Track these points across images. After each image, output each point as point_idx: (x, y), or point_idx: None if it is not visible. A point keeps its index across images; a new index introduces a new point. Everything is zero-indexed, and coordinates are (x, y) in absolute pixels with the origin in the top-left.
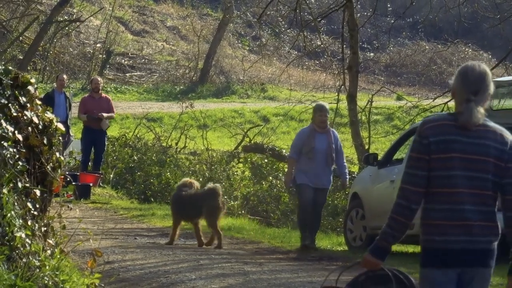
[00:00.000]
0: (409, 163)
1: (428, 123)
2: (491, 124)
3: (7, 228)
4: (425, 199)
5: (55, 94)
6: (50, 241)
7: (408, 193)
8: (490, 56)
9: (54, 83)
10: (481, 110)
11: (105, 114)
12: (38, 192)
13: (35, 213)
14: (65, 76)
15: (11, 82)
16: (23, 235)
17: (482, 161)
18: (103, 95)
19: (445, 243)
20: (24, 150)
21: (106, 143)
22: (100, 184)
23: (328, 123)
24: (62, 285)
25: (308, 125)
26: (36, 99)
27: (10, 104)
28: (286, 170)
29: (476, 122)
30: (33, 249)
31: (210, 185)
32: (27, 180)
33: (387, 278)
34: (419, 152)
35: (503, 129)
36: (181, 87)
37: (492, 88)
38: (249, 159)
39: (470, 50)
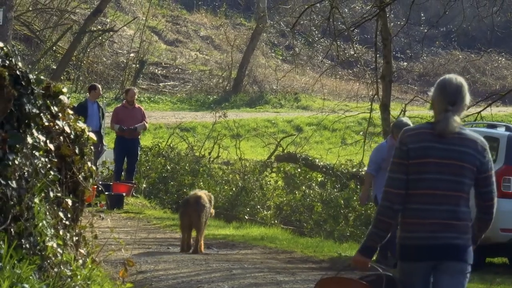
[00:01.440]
0: (391, 168)
1: (408, 131)
2: (467, 132)
3: (38, 238)
4: (405, 199)
5: (88, 104)
6: (82, 251)
7: (390, 196)
8: None
9: (87, 93)
10: (457, 119)
11: (137, 125)
12: (69, 202)
13: (67, 222)
14: (99, 86)
15: (43, 91)
16: (55, 245)
17: (456, 166)
18: (136, 105)
19: (416, 239)
20: (55, 160)
21: (139, 153)
22: (133, 194)
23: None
24: None
25: (386, 139)
26: (68, 109)
27: (41, 114)
28: (319, 179)
29: (452, 130)
30: (64, 258)
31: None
32: (59, 189)
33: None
34: (400, 157)
35: (479, 137)
36: (215, 97)
37: (468, 99)
38: (282, 169)
39: (503, 59)
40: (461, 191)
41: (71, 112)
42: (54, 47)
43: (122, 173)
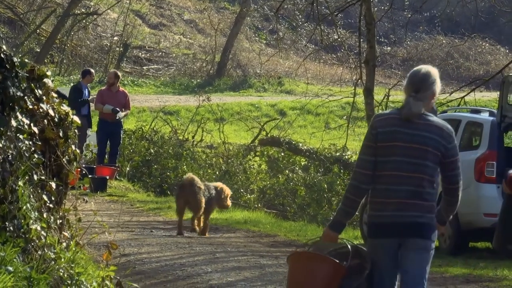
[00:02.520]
0: (361, 150)
1: (378, 117)
2: (433, 119)
3: (22, 221)
4: (373, 180)
5: (82, 87)
6: (66, 234)
7: (359, 175)
8: (507, 51)
9: (72, 76)
10: (419, 104)
11: (121, 113)
12: (53, 185)
13: (51, 205)
14: (93, 71)
15: (27, 74)
16: (39, 228)
17: (420, 150)
18: (121, 89)
19: (382, 217)
20: (39, 143)
21: (122, 136)
22: (117, 177)
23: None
24: (77, 278)
25: None
26: (52, 92)
27: (26, 97)
28: (302, 163)
29: (414, 113)
30: (48, 241)
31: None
32: (43, 172)
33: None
34: (369, 140)
35: (445, 124)
36: (198, 81)
37: (435, 88)
38: (265, 153)
39: (487, 44)
40: (424, 173)
41: (55, 95)
42: (37, 30)
43: (106, 156)
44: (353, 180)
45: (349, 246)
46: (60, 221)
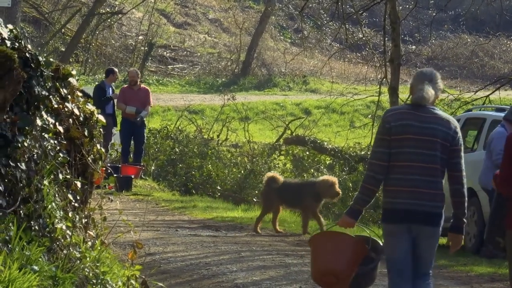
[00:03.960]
0: (375, 143)
1: (390, 111)
2: (440, 112)
3: (47, 220)
4: (387, 170)
5: (106, 86)
6: (91, 233)
7: (374, 166)
8: None
9: (97, 75)
10: (432, 91)
11: (144, 113)
12: (79, 184)
13: (76, 204)
14: (117, 71)
15: (52, 74)
16: (64, 227)
17: (430, 141)
18: (142, 86)
19: (396, 204)
20: (65, 142)
21: (145, 135)
22: (142, 176)
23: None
24: (102, 277)
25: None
26: (77, 91)
27: (51, 96)
28: (327, 162)
29: (427, 98)
30: (73, 240)
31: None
32: (68, 171)
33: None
34: (383, 134)
35: (450, 117)
36: (223, 80)
37: (441, 85)
38: (290, 152)
39: (511, 43)
40: (435, 163)
41: (80, 94)
42: (62, 30)
43: (130, 155)
44: (370, 171)
45: (368, 233)
46: (85, 220)
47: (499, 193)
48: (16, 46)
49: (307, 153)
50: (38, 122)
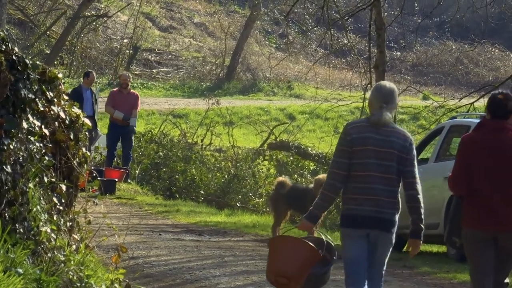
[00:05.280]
0: (336, 153)
1: (351, 124)
2: (396, 126)
3: (32, 223)
4: (347, 179)
5: (82, 90)
6: (75, 236)
7: (335, 175)
8: None
9: (81, 79)
10: (389, 114)
11: (133, 120)
12: (64, 187)
13: (61, 208)
14: (94, 73)
15: (39, 76)
16: (49, 230)
17: (389, 153)
18: (132, 91)
19: (357, 210)
20: (50, 145)
21: (133, 140)
22: (128, 180)
23: None
24: (86, 280)
25: None
26: (64, 94)
27: (37, 99)
28: (311, 167)
29: (384, 121)
30: (58, 243)
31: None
32: (53, 175)
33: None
34: (343, 145)
35: (405, 130)
36: (208, 84)
37: (397, 101)
38: (274, 157)
39: (496, 50)
40: (392, 173)
41: (66, 97)
42: (48, 32)
43: (115, 159)
44: (330, 179)
45: (324, 239)
46: (70, 223)
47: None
48: (3, 49)
49: (291, 158)
50: (24, 124)
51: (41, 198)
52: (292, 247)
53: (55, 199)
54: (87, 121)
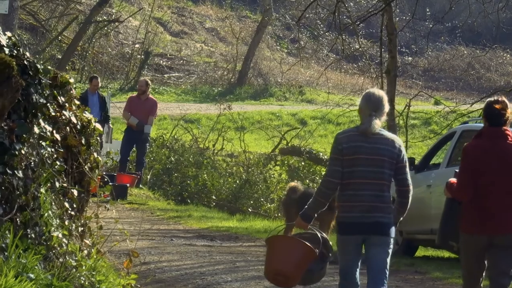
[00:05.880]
0: (330, 162)
1: (342, 134)
2: (386, 133)
3: (44, 228)
4: (340, 187)
5: (88, 95)
6: (87, 241)
7: (328, 183)
8: None
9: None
10: (378, 122)
11: (148, 127)
12: (75, 192)
13: (72, 213)
14: (98, 80)
15: (50, 81)
16: (60, 235)
17: (379, 160)
18: (150, 97)
19: (351, 218)
20: (62, 150)
21: (147, 146)
22: (140, 185)
23: None
24: (98, 285)
25: None
26: (75, 99)
27: (48, 104)
28: (323, 173)
29: (373, 130)
30: (69, 249)
31: None
32: (65, 180)
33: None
34: (336, 154)
35: (394, 136)
36: (219, 89)
37: (387, 107)
38: (286, 162)
39: (508, 55)
40: (384, 180)
41: (78, 102)
42: (59, 37)
43: (127, 164)
44: (323, 187)
45: (319, 235)
46: (82, 228)
47: (450, 199)
48: (14, 54)
49: (303, 163)
50: (36, 130)
51: (53, 203)
52: (288, 246)
53: (66, 204)
54: (98, 126)
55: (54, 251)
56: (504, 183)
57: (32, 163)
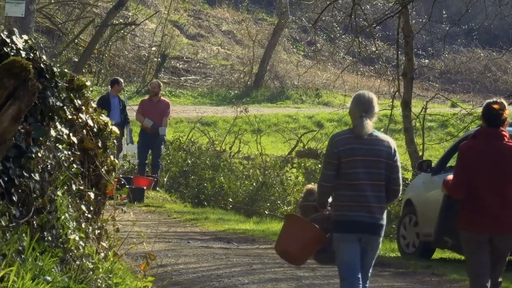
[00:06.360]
0: (324, 166)
1: (337, 137)
2: (379, 134)
3: (61, 231)
4: (337, 187)
5: (110, 98)
6: (104, 244)
7: (323, 188)
8: None
9: (109, 86)
10: (370, 123)
11: (163, 129)
12: (92, 195)
13: (89, 215)
14: (122, 81)
15: (67, 84)
16: (77, 238)
17: (375, 161)
18: (163, 99)
19: (350, 216)
20: (78, 153)
21: (162, 149)
22: (157, 188)
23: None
24: None
25: None
26: (91, 102)
27: (65, 107)
28: None
29: (366, 131)
30: (86, 251)
31: None
32: (82, 182)
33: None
34: (331, 158)
35: (388, 137)
36: (236, 92)
37: (377, 109)
38: (302, 165)
39: None
40: (381, 180)
41: (94, 105)
42: (76, 40)
43: (146, 168)
44: (319, 191)
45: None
46: (98, 231)
47: (447, 196)
48: (31, 57)
49: (319, 166)
50: (52, 132)
51: (69, 206)
52: (301, 229)
53: (83, 207)
54: (115, 129)
55: (71, 254)
56: (499, 183)
57: (49, 166)
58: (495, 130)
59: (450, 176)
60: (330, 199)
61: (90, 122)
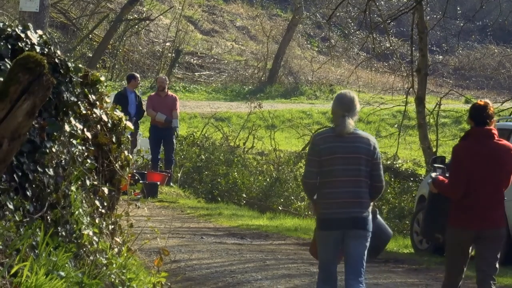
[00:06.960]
0: (307, 163)
1: (318, 136)
2: (360, 132)
3: (74, 226)
4: (320, 185)
5: (127, 93)
6: (118, 239)
7: (305, 184)
8: None
9: (123, 82)
10: (352, 121)
11: (175, 122)
12: (106, 190)
13: (103, 211)
14: (138, 76)
15: (81, 79)
16: (91, 233)
17: (355, 158)
18: (170, 93)
19: (330, 214)
20: (92, 148)
21: (175, 142)
22: (171, 184)
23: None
24: (128, 283)
25: None
26: (106, 97)
27: (79, 102)
28: None
29: (348, 130)
30: (100, 247)
31: None
32: (95, 178)
33: None
34: (313, 155)
35: (369, 135)
36: (250, 87)
37: (358, 108)
38: None
39: None
40: (361, 176)
41: (108, 100)
42: (90, 35)
43: (159, 163)
44: (304, 188)
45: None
46: (112, 226)
47: (433, 194)
48: (45, 52)
49: None
50: (67, 128)
51: (83, 201)
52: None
53: (97, 202)
54: (129, 124)
55: (84, 249)
56: (493, 181)
57: (63, 161)
58: (485, 129)
59: (440, 176)
60: None
61: (104, 117)
